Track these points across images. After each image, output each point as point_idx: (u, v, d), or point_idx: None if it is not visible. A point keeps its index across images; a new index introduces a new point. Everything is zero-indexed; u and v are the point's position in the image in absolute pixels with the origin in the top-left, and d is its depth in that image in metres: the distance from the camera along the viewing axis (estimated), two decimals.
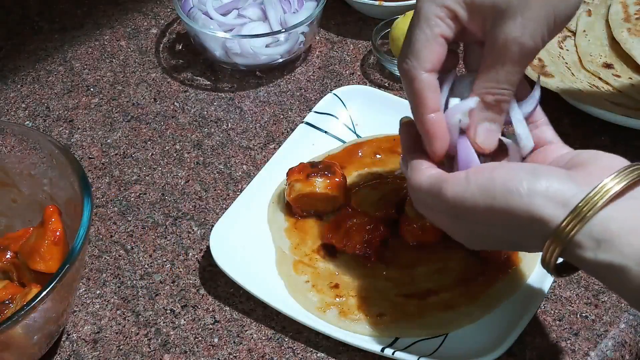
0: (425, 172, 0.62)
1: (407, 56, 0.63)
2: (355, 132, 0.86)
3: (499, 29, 0.59)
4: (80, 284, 0.75)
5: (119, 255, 0.78)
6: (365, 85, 0.94)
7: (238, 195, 0.79)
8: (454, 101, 0.64)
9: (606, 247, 0.53)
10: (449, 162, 0.65)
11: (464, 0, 0.61)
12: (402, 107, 0.87)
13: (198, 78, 0.98)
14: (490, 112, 0.63)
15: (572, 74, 0.91)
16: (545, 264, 0.57)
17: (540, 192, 0.55)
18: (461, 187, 0.58)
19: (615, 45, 0.94)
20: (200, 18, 0.95)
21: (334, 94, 0.88)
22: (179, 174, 0.86)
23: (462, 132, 0.64)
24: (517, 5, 0.58)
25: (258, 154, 0.88)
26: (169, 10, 1.07)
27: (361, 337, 0.69)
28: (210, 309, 0.73)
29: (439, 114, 0.63)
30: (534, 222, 0.55)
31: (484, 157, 0.64)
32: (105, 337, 0.71)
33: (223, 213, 0.77)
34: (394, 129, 0.85)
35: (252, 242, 0.76)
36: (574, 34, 0.96)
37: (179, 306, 0.73)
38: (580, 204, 0.54)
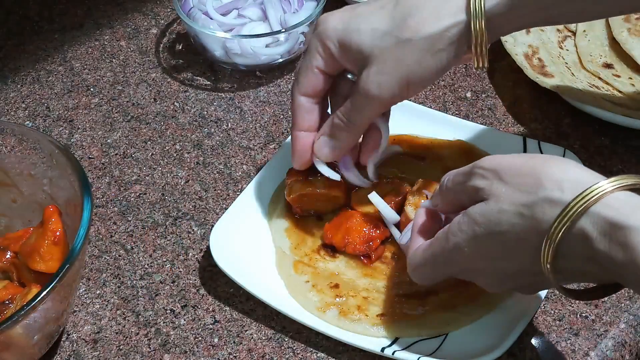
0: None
1: (294, 80, 0.73)
2: None
3: (361, 72, 0.67)
4: (80, 284, 0.75)
5: (119, 255, 0.78)
6: None
7: (238, 195, 0.79)
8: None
9: (618, 230, 0.52)
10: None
11: (340, 42, 0.68)
12: (402, 107, 0.87)
13: (198, 78, 0.98)
14: (331, 131, 0.71)
15: (572, 74, 0.91)
16: (543, 266, 0.56)
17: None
18: (500, 155, 0.60)
19: (615, 45, 0.94)
20: (200, 18, 0.95)
21: None
22: (179, 174, 0.86)
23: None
24: (375, 56, 0.66)
25: (258, 154, 0.88)
26: (169, 10, 1.07)
27: (361, 337, 0.69)
28: (210, 309, 0.73)
29: (306, 134, 0.73)
30: (561, 183, 0.55)
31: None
32: (105, 337, 0.71)
33: (223, 213, 0.77)
34: (394, 129, 0.85)
35: (252, 242, 0.76)
36: (574, 34, 0.96)
37: (179, 306, 0.73)
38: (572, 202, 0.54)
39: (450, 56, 0.66)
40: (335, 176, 0.75)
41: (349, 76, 0.72)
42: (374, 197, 0.74)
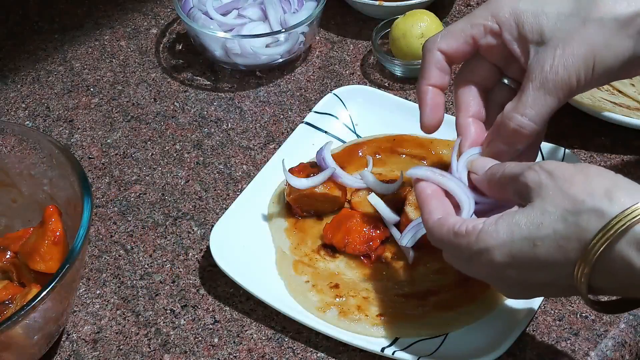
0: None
1: (436, 34, 0.67)
2: (355, 132, 0.86)
3: (539, 55, 0.61)
4: (80, 284, 0.75)
5: (119, 255, 0.78)
6: (365, 85, 0.94)
7: (238, 195, 0.79)
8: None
9: None
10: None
11: (516, 21, 0.63)
12: (402, 107, 0.87)
13: (198, 78, 0.98)
14: (507, 133, 0.64)
15: None
16: (578, 287, 0.54)
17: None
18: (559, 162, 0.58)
19: None
20: (200, 18, 0.95)
21: (334, 94, 0.88)
22: (179, 174, 0.86)
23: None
24: (560, 38, 0.61)
25: (258, 154, 0.88)
26: (169, 10, 1.07)
27: (361, 337, 0.69)
28: (210, 309, 0.73)
29: (435, 89, 0.67)
30: (612, 194, 0.53)
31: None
32: (105, 337, 0.71)
33: (223, 213, 0.77)
34: (394, 129, 0.85)
35: (252, 242, 0.76)
36: None
37: (179, 306, 0.73)
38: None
39: (638, 47, 0.61)
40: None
41: (505, 81, 0.68)
42: (373, 198, 0.74)
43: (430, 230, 0.62)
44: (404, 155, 0.83)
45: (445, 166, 0.82)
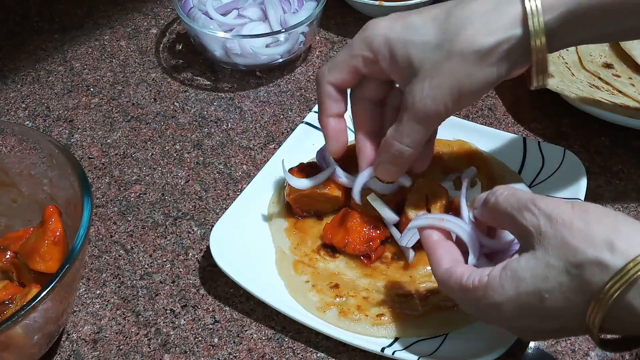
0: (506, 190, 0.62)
1: (325, 67, 0.72)
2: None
3: (410, 86, 0.66)
4: (80, 284, 0.75)
5: (119, 255, 0.78)
6: None
7: (238, 195, 0.79)
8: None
9: None
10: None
11: (389, 51, 0.67)
12: None
13: (198, 78, 0.98)
14: (390, 158, 0.69)
15: (572, 74, 0.91)
16: (587, 327, 0.54)
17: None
18: (558, 201, 0.58)
19: (615, 45, 0.94)
20: (200, 18, 0.95)
21: None
22: (179, 174, 0.86)
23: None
24: (427, 70, 0.64)
25: (258, 154, 0.88)
26: (169, 10, 1.07)
27: (361, 337, 0.69)
28: (210, 309, 0.73)
29: (334, 119, 0.72)
30: (613, 247, 0.53)
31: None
32: (105, 337, 0.71)
33: (223, 213, 0.77)
34: None
35: (252, 242, 0.76)
36: None
37: (179, 306, 0.73)
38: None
39: (501, 71, 0.64)
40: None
41: (397, 85, 0.71)
42: (372, 198, 0.74)
43: (440, 281, 0.63)
44: None
45: (444, 167, 0.82)
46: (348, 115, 0.74)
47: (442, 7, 0.65)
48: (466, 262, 0.63)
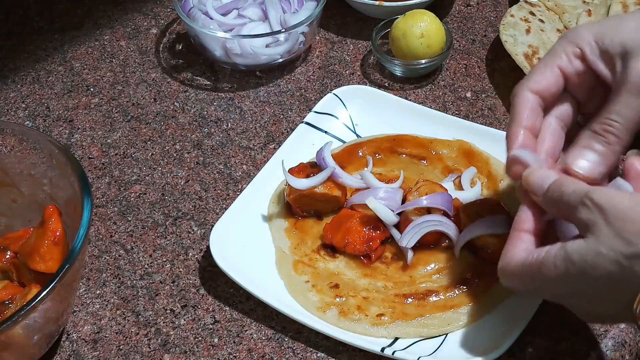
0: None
1: (523, 78, 0.67)
2: (355, 132, 0.86)
3: (626, 64, 0.62)
4: (80, 284, 0.75)
5: (119, 255, 0.78)
6: (365, 85, 0.94)
7: (238, 195, 0.79)
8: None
9: None
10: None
11: (596, 41, 0.64)
12: (402, 107, 0.87)
13: (198, 78, 0.98)
14: (594, 141, 0.63)
15: None
16: (634, 316, 0.56)
17: None
18: (614, 191, 0.58)
19: None
20: (200, 18, 0.95)
21: (333, 94, 0.88)
22: (179, 174, 0.86)
23: None
24: None
25: (258, 154, 0.88)
26: (169, 10, 1.07)
27: (361, 337, 0.69)
28: (210, 309, 0.73)
29: (526, 132, 0.66)
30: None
31: None
32: (105, 337, 0.71)
33: (223, 213, 0.77)
34: (394, 129, 0.85)
35: (252, 242, 0.76)
36: None
37: (179, 306, 0.73)
38: None
39: None
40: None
41: (579, 120, 0.68)
42: (371, 202, 0.74)
43: (502, 266, 0.63)
44: (404, 155, 0.83)
45: (444, 166, 0.82)
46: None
47: None
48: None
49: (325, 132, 0.86)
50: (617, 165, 0.65)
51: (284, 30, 0.93)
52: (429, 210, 0.73)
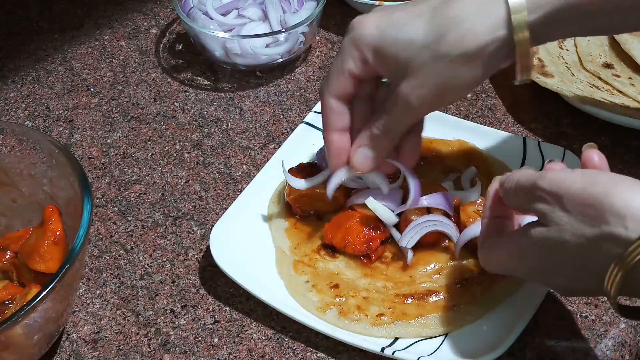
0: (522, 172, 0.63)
1: (324, 80, 0.72)
2: None
3: (395, 82, 0.67)
4: (80, 284, 0.75)
5: (119, 255, 0.78)
6: None
7: (238, 195, 0.79)
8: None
9: None
10: None
11: (377, 49, 0.67)
12: None
13: (198, 78, 0.98)
14: (368, 142, 0.70)
15: (572, 74, 0.91)
16: (607, 294, 0.56)
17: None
18: (563, 173, 0.58)
19: (615, 45, 0.94)
20: (200, 18, 0.95)
21: None
22: (179, 174, 0.86)
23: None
24: (413, 68, 0.65)
25: (258, 154, 0.88)
26: (169, 10, 1.07)
27: (361, 337, 0.69)
28: (210, 309, 0.73)
29: (340, 135, 0.72)
30: (625, 221, 0.53)
31: None
32: (105, 337, 0.71)
33: (223, 213, 0.77)
34: None
35: (252, 242, 0.76)
36: None
37: (179, 306, 0.73)
38: None
39: (487, 70, 0.66)
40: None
41: (384, 80, 0.72)
42: (370, 201, 0.74)
43: (482, 253, 0.66)
44: None
45: (444, 166, 0.82)
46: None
47: (427, 3, 0.66)
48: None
49: None
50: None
51: (284, 30, 0.93)
52: (429, 210, 0.73)
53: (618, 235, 0.53)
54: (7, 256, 0.70)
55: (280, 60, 0.96)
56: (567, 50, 0.95)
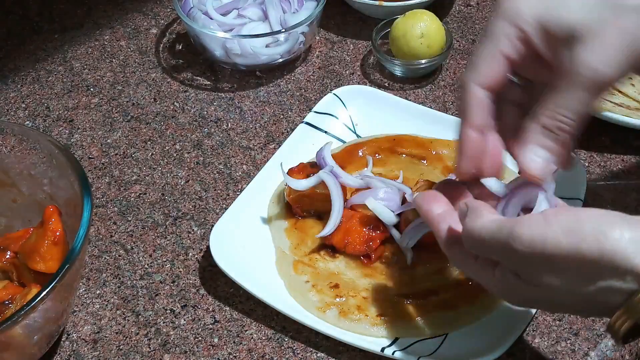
0: (488, 217, 0.56)
1: (467, 69, 0.61)
2: (355, 132, 0.86)
3: (573, 52, 0.56)
4: (80, 284, 0.75)
5: (119, 255, 0.78)
6: (365, 85, 0.94)
7: (238, 195, 0.79)
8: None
9: None
10: None
11: (539, 22, 0.58)
12: (401, 107, 0.87)
13: (198, 78, 0.98)
14: (546, 138, 0.58)
15: None
16: (612, 331, 0.53)
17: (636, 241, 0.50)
18: (540, 228, 0.52)
19: None
20: (200, 18, 0.95)
21: (333, 94, 0.88)
22: (179, 174, 0.86)
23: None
24: (594, 31, 0.55)
25: (258, 154, 0.88)
26: (169, 10, 1.07)
27: (361, 337, 0.69)
28: (210, 309, 0.73)
29: (479, 135, 0.61)
30: (622, 274, 0.50)
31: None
32: (105, 337, 0.71)
33: (223, 213, 0.77)
34: (394, 129, 0.85)
35: (252, 242, 0.76)
36: None
37: (179, 306, 0.73)
38: None
39: None
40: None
41: (514, 79, 0.63)
42: (370, 202, 0.74)
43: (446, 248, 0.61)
44: (404, 155, 0.83)
45: (444, 166, 0.82)
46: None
47: None
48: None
49: (325, 132, 0.86)
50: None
51: (284, 30, 0.93)
52: None
53: (618, 287, 0.51)
54: (7, 256, 0.70)
55: (280, 60, 0.96)
56: None
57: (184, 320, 0.72)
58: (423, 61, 0.93)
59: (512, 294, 0.58)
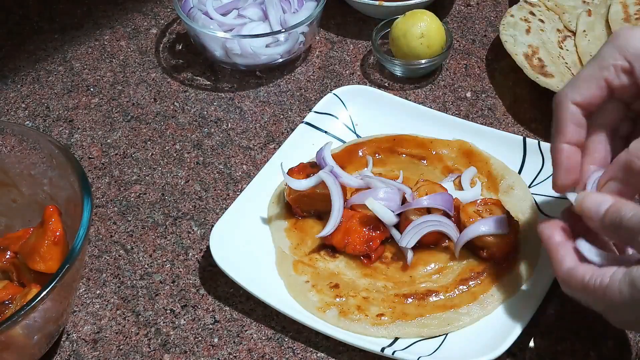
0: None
1: (566, 86, 0.64)
2: (355, 132, 0.86)
3: None
4: (80, 284, 0.75)
5: (119, 255, 0.78)
6: (365, 85, 0.94)
7: (238, 195, 0.79)
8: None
9: None
10: None
11: None
12: (401, 107, 0.87)
13: (198, 78, 0.98)
14: (629, 179, 0.60)
15: (572, 74, 0.91)
16: None
17: None
18: None
19: None
20: (200, 18, 0.95)
21: (333, 94, 0.88)
22: (179, 174, 0.86)
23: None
24: None
25: (258, 154, 0.88)
26: (169, 10, 1.07)
27: (361, 337, 0.69)
28: (210, 309, 0.73)
29: (574, 149, 0.63)
30: None
31: None
32: (105, 337, 0.71)
33: (223, 213, 0.77)
34: (393, 129, 0.85)
35: (252, 242, 0.76)
36: (574, 34, 0.96)
37: (179, 306, 0.73)
38: None
39: None
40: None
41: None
42: (370, 202, 0.74)
43: (561, 280, 0.62)
44: (404, 155, 0.83)
45: (444, 166, 0.82)
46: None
47: None
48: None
49: (325, 132, 0.86)
50: None
51: (284, 30, 0.93)
52: (429, 211, 0.73)
53: None
54: (7, 256, 0.70)
55: (280, 60, 0.96)
56: (568, 50, 0.95)
57: (184, 320, 0.72)
58: (423, 61, 0.93)
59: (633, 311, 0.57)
